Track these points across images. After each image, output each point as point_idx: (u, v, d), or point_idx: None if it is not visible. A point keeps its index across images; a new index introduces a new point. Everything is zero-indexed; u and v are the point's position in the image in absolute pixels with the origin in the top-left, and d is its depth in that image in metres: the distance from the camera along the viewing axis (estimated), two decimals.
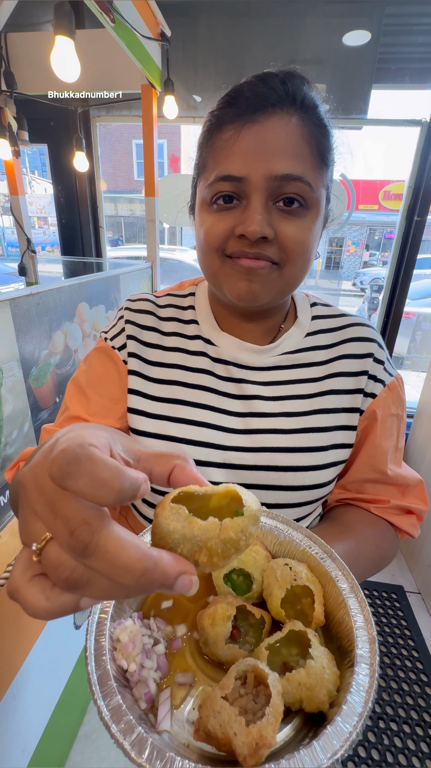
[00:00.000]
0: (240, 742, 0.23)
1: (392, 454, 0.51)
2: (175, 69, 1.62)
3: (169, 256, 5.83)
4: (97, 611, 0.30)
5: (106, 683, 0.25)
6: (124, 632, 0.29)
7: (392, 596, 1.65)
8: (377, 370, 0.50)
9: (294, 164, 0.38)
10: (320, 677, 0.27)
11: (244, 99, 0.39)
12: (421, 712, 1.25)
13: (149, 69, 1.30)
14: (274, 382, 0.49)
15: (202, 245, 0.44)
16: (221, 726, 0.24)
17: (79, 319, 1.07)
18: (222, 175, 0.39)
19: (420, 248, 1.79)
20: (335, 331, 0.52)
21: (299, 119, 0.39)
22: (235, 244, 0.41)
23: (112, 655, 0.27)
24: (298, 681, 0.27)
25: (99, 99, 1.79)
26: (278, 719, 0.24)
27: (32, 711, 0.85)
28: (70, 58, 0.72)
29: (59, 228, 2.04)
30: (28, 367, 0.85)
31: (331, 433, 0.48)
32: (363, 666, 0.27)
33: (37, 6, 1.60)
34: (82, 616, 1.07)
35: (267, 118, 0.38)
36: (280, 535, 0.38)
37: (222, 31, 1.69)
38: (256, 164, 0.38)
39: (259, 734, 0.23)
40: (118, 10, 0.88)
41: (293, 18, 1.64)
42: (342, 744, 0.23)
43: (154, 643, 0.30)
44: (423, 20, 1.62)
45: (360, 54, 1.67)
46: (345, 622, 0.30)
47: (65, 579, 0.17)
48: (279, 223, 0.40)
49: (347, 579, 0.33)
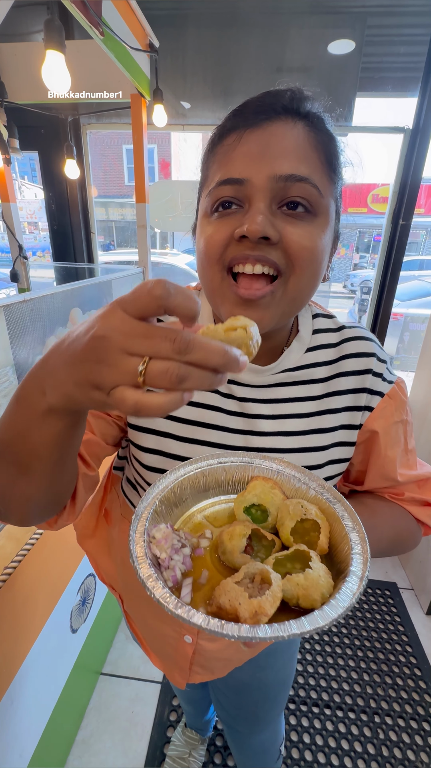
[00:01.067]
0: (243, 609, 0.29)
1: (401, 459, 0.50)
2: (163, 77, 1.64)
3: (161, 260, 5.84)
4: (139, 516, 0.37)
5: (143, 559, 0.32)
6: (159, 532, 0.35)
7: (386, 593, 1.68)
8: (375, 383, 0.48)
9: (299, 165, 0.36)
10: (316, 582, 0.31)
11: (247, 108, 0.38)
12: (415, 705, 1.27)
13: (138, 79, 1.32)
14: (274, 399, 0.48)
15: (202, 256, 0.40)
16: (230, 600, 0.30)
17: (72, 324, 1.08)
18: (223, 179, 0.37)
19: (406, 250, 1.84)
20: (334, 346, 0.50)
21: (305, 126, 0.37)
22: (236, 248, 0.37)
23: (148, 546, 0.34)
24: (296, 582, 0.32)
25: (89, 107, 1.81)
26: (276, 601, 0.30)
27: (30, 715, 0.85)
28: (61, 71, 0.74)
29: (51, 234, 2.05)
30: (22, 372, 0.86)
31: (328, 450, 0.48)
32: (353, 578, 0.32)
33: (27, 17, 1.62)
34: (79, 619, 1.08)
35: (271, 123, 0.36)
36: (296, 482, 0.43)
37: (210, 40, 1.73)
38: (259, 165, 0.36)
39: (259, 605, 0.29)
40: (107, 24, 0.90)
41: (279, 28, 1.69)
42: (325, 622, 0.28)
43: (181, 546, 0.37)
44: (403, 31, 1.67)
45: (344, 63, 1.71)
46: (345, 551, 0.35)
47: (176, 376, 0.22)
48: (284, 226, 0.36)
49: (352, 518, 0.37)
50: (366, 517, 0.48)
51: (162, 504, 0.40)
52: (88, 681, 1.24)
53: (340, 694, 1.30)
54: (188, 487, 0.43)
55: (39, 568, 0.83)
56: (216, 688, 0.77)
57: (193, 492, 0.43)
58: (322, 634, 1.50)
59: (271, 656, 0.67)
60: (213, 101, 1.82)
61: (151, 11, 1.40)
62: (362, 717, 1.23)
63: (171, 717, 1.23)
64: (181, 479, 0.42)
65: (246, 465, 0.44)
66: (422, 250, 12.00)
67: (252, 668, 0.66)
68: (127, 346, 0.23)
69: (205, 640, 0.58)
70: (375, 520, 0.48)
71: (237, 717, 0.79)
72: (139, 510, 0.37)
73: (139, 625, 0.67)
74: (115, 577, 0.69)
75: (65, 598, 0.96)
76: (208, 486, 0.44)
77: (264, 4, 1.67)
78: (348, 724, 1.21)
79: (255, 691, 0.72)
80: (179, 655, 0.61)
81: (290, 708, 1.25)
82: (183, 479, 0.42)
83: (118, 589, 0.70)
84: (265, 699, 0.74)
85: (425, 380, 1.76)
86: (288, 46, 1.71)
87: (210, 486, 0.44)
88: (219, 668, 0.62)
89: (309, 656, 1.41)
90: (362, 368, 0.48)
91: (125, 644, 1.42)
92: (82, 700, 1.20)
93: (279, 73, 1.76)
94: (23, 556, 0.76)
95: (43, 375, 0.27)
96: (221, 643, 0.58)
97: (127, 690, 1.29)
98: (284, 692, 0.77)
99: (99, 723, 1.20)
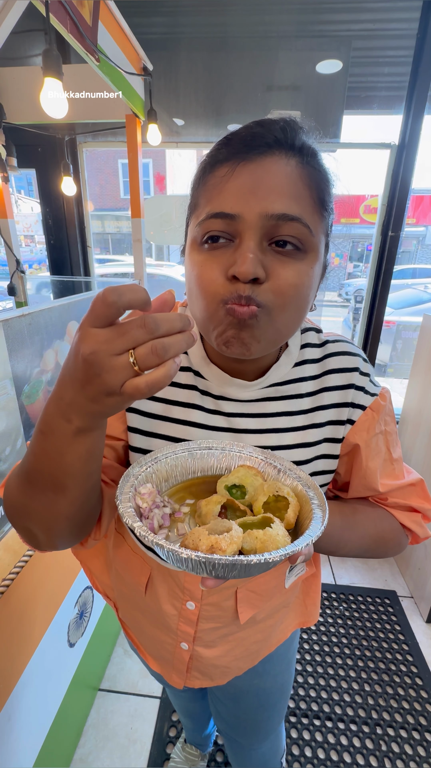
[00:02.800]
0: (201, 544, 0.32)
1: (384, 469, 0.50)
2: (157, 97, 1.70)
3: (156, 272, 5.91)
4: (130, 476, 0.41)
5: (127, 504, 0.36)
6: (145, 488, 0.40)
7: (385, 601, 1.67)
8: (357, 396, 0.48)
9: (291, 204, 0.36)
10: (273, 537, 0.34)
11: (240, 138, 0.37)
12: (417, 716, 1.26)
13: (133, 100, 1.37)
14: (261, 414, 0.48)
15: (195, 290, 0.40)
16: (193, 541, 0.33)
17: (69, 337, 1.10)
18: (215, 212, 0.37)
19: (397, 260, 1.88)
20: (319, 361, 0.50)
21: (298, 162, 0.37)
22: (228, 287, 0.37)
23: (133, 497, 0.38)
24: (256, 536, 0.34)
25: (85, 126, 1.86)
26: (233, 543, 0.33)
27: (27, 732, 0.84)
28: (59, 97, 0.77)
29: (47, 248, 2.09)
30: (21, 384, 0.87)
31: (313, 462, 0.49)
32: (315, 523, 0.36)
33: (25, 42, 1.68)
34: (76, 633, 1.07)
35: (265, 157, 0.36)
36: (277, 472, 0.46)
37: (202, 62, 1.79)
38: (251, 202, 0.35)
39: (215, 540, 0.32)
40: (102, 51, 0.94)
41: (268, 51, 1.75)
42: (274, 557, 0.31)
43: (163, 506, 0.41)
44: (387, 53, 1.74)
45: (332, 82, 1.78)
46: (307, 524, 0.38)
47: (160, 349, 0.27)
48: (273, 265, 0.37)
49: (318, 500, 0.40)
50: (348, 513, 0.49)
51: (153, 473, 0.44)
52: (86, 697, 1.22)
53: (341, 705, 1.28)
54: (179, 467, 0.46)
55: (36, 580, 0.83)
56: (215, 698, 0.77)
57: (182, 473, 0.47)
58: (322, 644, 1.49)
59: (268, 662, 0.67)
60: (206, 119, 1.88)
61: (144, 36, 1.46)
62: (364, 729, 1.22)
63: (170, 733, 1.21)
64: (172, 458, 0.46)
65: (235, 453, 0.47)
66: (414, 260, 12.20)
67: (250, 675, 0.66)
68: (112, 349, 0.27)
69: (201, 647, 0.58)
70: (357, 517, 0.49)
71: (237, 727, 0.78)
72: (130, 470, 0.41)
73: (136, 632, 0.67)
74: (110, 586, 0.69)
75: (62, 611, 0.96)
76: (196, 470, 0.47)
77: (253, 29, 1.74)
78: (350, 736, 1.20)
79: (254, 699, 0.72)
80: (176, 660, 0.61)
81: (291, 721, 1.24)
82: (174, 459, 0.46)
83: (113, 598, 0.70)
84: (264, 706, 0.74)
85: (418, 387, 1.78)
86: (277, 66, 1.77)
87: (198, 470, 0.47)
88: (218, 675, 0.62)
89: (309, 667, 1.40)
90: (344, 383, 0.49)
91: (123, 658, 1.41)
92: (80, 717, 1.18)
93: (269, 91, 1.83)
94: (20, 568, 0.76)
95: (64, 407, 0.31)
96: (218, 649, 0.59)
97: (126, 706, 1.27)
98: (283, 700, 0.76)
99: (97, 740, 1.18)
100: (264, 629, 0.60)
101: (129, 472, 0.41)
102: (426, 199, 9.99)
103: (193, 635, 0.57)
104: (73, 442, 0.32)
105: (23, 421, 0.88)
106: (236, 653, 0.60)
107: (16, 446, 0.87)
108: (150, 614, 0.59)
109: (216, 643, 0.58)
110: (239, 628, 0.57)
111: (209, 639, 0.57)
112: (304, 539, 0.33)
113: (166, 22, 1.76)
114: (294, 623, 0.67)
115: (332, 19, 1.72)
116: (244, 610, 0.54)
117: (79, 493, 0.37)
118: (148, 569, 0.55)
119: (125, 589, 0.62)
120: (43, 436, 0.33)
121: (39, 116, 1.47)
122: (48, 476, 0.35)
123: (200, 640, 0.57)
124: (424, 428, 1.69)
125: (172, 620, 0.56)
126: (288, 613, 0.65)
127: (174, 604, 0.55)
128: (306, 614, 0.68)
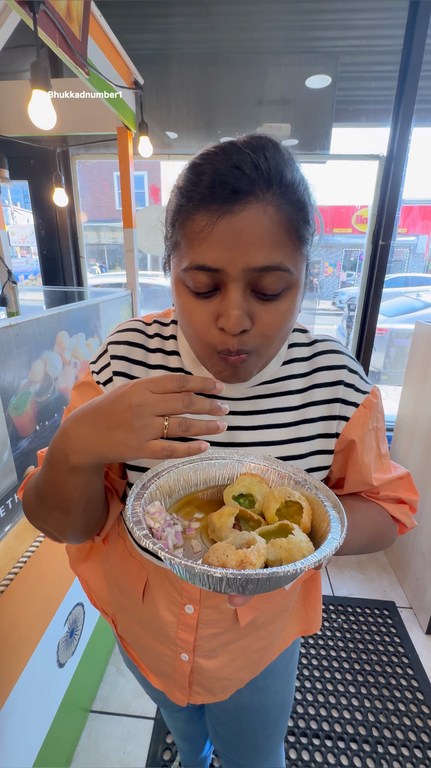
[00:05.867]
0: (230, 560, 0.32)
1: (376, 464, 0.53)
2: (149, 111, 1.73)
3: (151, 282, 5.94)
4: (134, 494, 0.40)
5: (140, 526, 0.35)
6: (153, 507, 0.39)
7: (384, 613, 1.64)
8: (348, 393, 0.50)
9: (272, 254, 0.37)
10: (298, 545, 0.34)
11: (215, 185, 0.36)
12: (419, 732, 1.22)
13: (124, 114, 1.39)
14: (253, 411, 0.50)
15: (188, 332, 0.43)
16: (218, 557, 0.32)
17: (59, 347, 1.09)
18: (198, 264, 0.38)
19: (389, 269, 1.90)
20: (307, 360, 0.52)
21: (275, 208, 0.36)
22: (218, 337, 0.40)
23: (143, 517, 0.37)
24: (280, 545, 0.34)
25: (77, 138, 1.88)
26: (260, 556, 0.33)
27: (14, 758, 0.80)
28: (47, 109, 0.78)
29: (40, 258, 2.09)
30: (8, 396, 0.86)
31: (307, 458, 0.50)
32: (334, 532, 0.35)
33: (17, 57, 1.70)
34: (66, 653, 1.03)
35: (242, 208, 0.36)
36: (281, 477, 0.46)
37: (193, 77, 1.82)
38: (233, 256, 0.36)
39: (245, 555, 0.32)
40: (92, 65, 0.95)
41: (258, 66, 1.79)
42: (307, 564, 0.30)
43: (173, 523, 0.40)
44: (374, 68, 1.79)
45: (321, 96, 1.82)
46: (324, 527, 0.38)
47: (187, 424, 0.33)
48: (257, 312, 0.39)
49: (330, 500, 0.40)
50: (346, 513, 0.50)
51: (157, 489, 0.43)
52: (77, 719, 1.17)
53: (341, 723, 1.25)
54: (181, 480, 0.46)
55: (23, 598, 0.80)
56: (213, 717, 0.74)
57: (185, 486, 0.46)
58: (321, 658, 1.45)
59: (269, 677, 0.65)
60: (197, 132, 1.90)
61: (136, 51, 1.49)
62: (364, 748, 1.18)
63: (165, 756, 1.17)
64: (174, 472, 0.45)
65: (236, 462, 0.47)
66: (406, 268, 12.39)
67: (251, 691, 0.64)
68: (157, 410, 0.33)
69: (201, 658, 0.57)
70: (355, 516, 0.50)
71: (237, 747, 0.75)
72: (134, 489, 0.41)
73: (135, 648, 0.65)
74: (108, 601, 0.67)
75: (51, 629, 0.93)
76: (199, 481, 0.47)
77: (242, 45, 1.78)
78: (351, 756, 1.16)
79: (255, 716, 0.70)
80: (178, 673, 0.59)
81: (289, 741, 1.20)
82: (176, 473, 0.45)
83: (110, 614, 0.68)
84: (265, 724, 0.72)
85: (412, 394, 1.78)
86: (267, 81, 1.81)
87: (201, 482, 0.47)
88: (220, 689, 0.61)
89: (308, 683, 1.36)
90: (334, 380, 0.51)
91: (116, 678, 1.36)
92: (71, 741, 1.14)
93: (260, 105, 1.86)
94: (5, 586, 0.74)
95: (67, 442, 0.36)
96: (218, 660, 0.57)
97: (119, 728, 1.22)
98: (284, 717, 0.74)
99: (89, 766, 1.13)
100: (265, 636, 0.59)
101: (133, 490, 0.40)
102: (415, 209, 10.20)
103: (193, 643, 0.55)
104: (68, 477, 0.37)
105: (10, 432, 0.87)
106: (238, 663, 0.59)
107: (3, 459, 0.85)
108: (148, 625, 0.58)
109: (217, 653, 0.57)
110: (240, 635, 0.56)
111: (209, 648, 0.56)
112: (330, 543, 0.33)
113: (157, 38, 1.80)
114: (295, 631, 0.66)
115: (320, 36, 1.77)
116: (244, 613, 0.53)
117: (79, 513, 0.42)
118: (145, 573, 0.55)
119: (123, 600, 0.61)
120: (48, 465, 0.39)
121: (31, 129, 1.48)
122: (53, 499, 0.40)
123: (200, 649, 0.56)
124: (419, 434, 1.69)
125: (170, 629, 0.55)
126: (289, 620, 0.64)
127: (172, 610, 0.54)
128: (307, 621, 0.67)
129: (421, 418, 1.68)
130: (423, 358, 1.69)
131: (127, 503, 0.38)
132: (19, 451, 0.90)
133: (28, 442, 0.94)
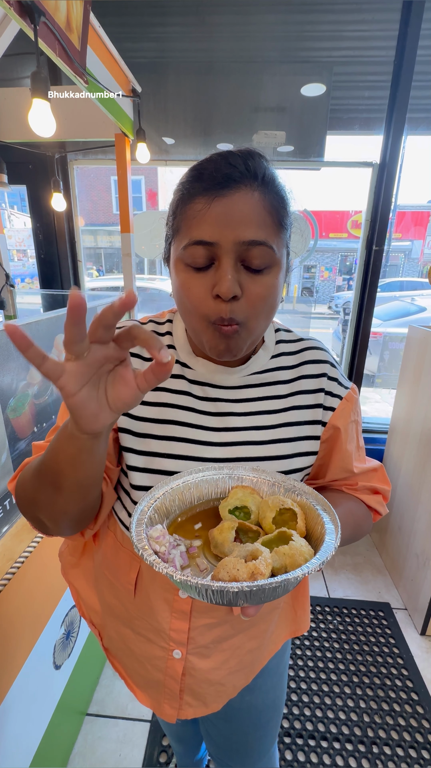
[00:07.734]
0: (241, 573, 0.32)
1: (356, 454, 0.59)
2: (147, 118, 1.75)
3: (149, 286, 5.95)
4: (134, 520, 0.41)
5: (149, 552, 0.36)
6: (156, 531, 0.40)
7: (379, 614, 1.65)
8: (332, 386, 0.57)
9: (258, 231, 0.44)
10: (299, 550, 0.35)
11: (212, 176, 0.44)
12: (413, 732, 1.23)
13: (122, 121, 1.41)
14: (245, 399, 0.55)
15: (186, 306, 0.48)
16: (228, 572, 0.33)
17: (57, 350, 1.10)
18: (196, 240, 0.44)
19: (385, 273, 1.93)
20: (295, 354, 0.59)
21: (260, 194, 0.44)
22: (213, 308, 0.46)
23: (149, 543, 0.38)
24: (283, 552, 0.36)
25: (75, 144, 1.90)
26: (268, 566, 0.34)
27: (8, 761, 0.80)
28: (46, 117, 0.79)
29: (38, 262, 2.10)
30: (6, 398, 0.87)
31: (296, 443, 0.55)
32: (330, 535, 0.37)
33: (16, 64, 1.72)
34: (62, 655, 1.03)
35: (234, 192, 0.43)
36: (270, 486, 0.49)
37: (190, 85, 1.85)
38: (226, 231, 0.43)
39: (255, 567, 0.33)
40: (91, 74, 0.97)
41: (253, 75, 1.83)
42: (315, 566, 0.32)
43: (177, 545, 0.41)
44: (367, 78, 1.83)
45: (316, 104, 1.85)
46: (319, 531, 0.40)
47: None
48: (246, 282, 0.46)
49: (320, 503, 0.43)
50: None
51: (155, 512, 0.44)
52: (73, 722, 1.17)
53: (336, 724, 1.25)
54: (176, 500, 0.47)
55: (20, 599, 0.80)
56: (205, 720, 0.75)
57: (180, 505, 0.48)
58: (316, 659, 1.46)
59: (260, 676, 0.66)
60: (194, 139, 1.93)
61: (134, 60, 1.51)
62: (359, 748, 1.19)
63: (161, 758, 1.17)
64: (168, 493, 0.46)
65: (226, 476, 0.49)
66: (401, 273, 12.51)
67: (242, 691, 0.65)
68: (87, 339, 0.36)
69: (194, 656, 0.57)
70: (338, 510, 0.52)
71: (229, 750, 0.76)
72: (135, 516, 0.42)
73: (122, 656, 0.65)
74: (97, 610, 0.68)
75: (48, 631, 0.93)
76: (193, 499, 0.49)
77: (238, 55, 1.81)
78: (346, 756, 1.17)
79: (246, 718, 0.70)
80: (169, 678, 0.59)
81: (285, 742, 1.20)
82: (170, 493, 0.47)
83: (97, 624, 0.69)
84: (257, 725, 0.72)
85: (405, 397, 1.80)
86: (263, 89, 1.84)
87: (195, 499, 0.49)
88: (212, 696, 0.61)
89: (303, 684, 1.37)
90: (319, 372, 0.57)
91: (112, 680, 1.36)
92: (66, 744, 1.14)
93: (256, 113, 1.89)
94: (3, 586, 0.74)
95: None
96: (212, 660, 0.58)
97: (114, 731, 1.22)
98: (276, 718, 0.75)
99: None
100: (257, 635, 0.60)
101: (134, 517, 0.41)
102: (408, 214, 10.32)
103: (187, 634, 0.56)
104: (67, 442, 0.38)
105: (8, 434, 0.87)
106: (231, 665, 0.60)
107: (1, 460, 0.85)
108: (140, 623, 0.59)
109: (211, 651, 0.58)
110: (233, 630, 0.57)
111: (203, 643, 0.57)
112: (329, 545, 0.35)
113: (155, 47, 1.83)
114: (285, 632, 0.67)
115: (315, 46, 1.80)
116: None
117: (71, 495, 0.43)
118: (137, 564, 0.57)
119: (113, 600, 0.61)
120: (57, 434, 0.40)
121: (30, 135, 1.50)
122: (49, 472, 0.41)
123: (194, 642, 0.57)
124: (413, 437, 1.71)
125: (164, 619, 0.56)
126: (279, 621, 0.65)
127: (165, 597, 0.55)
128: (296, 621, 0.68)
129: (415, 420, 1.70)
130: (416, 361, 1.71)
131: (130, 530, 0.40)
132: (17, 452, 0.91)
133: (26, 443, 0.95)
